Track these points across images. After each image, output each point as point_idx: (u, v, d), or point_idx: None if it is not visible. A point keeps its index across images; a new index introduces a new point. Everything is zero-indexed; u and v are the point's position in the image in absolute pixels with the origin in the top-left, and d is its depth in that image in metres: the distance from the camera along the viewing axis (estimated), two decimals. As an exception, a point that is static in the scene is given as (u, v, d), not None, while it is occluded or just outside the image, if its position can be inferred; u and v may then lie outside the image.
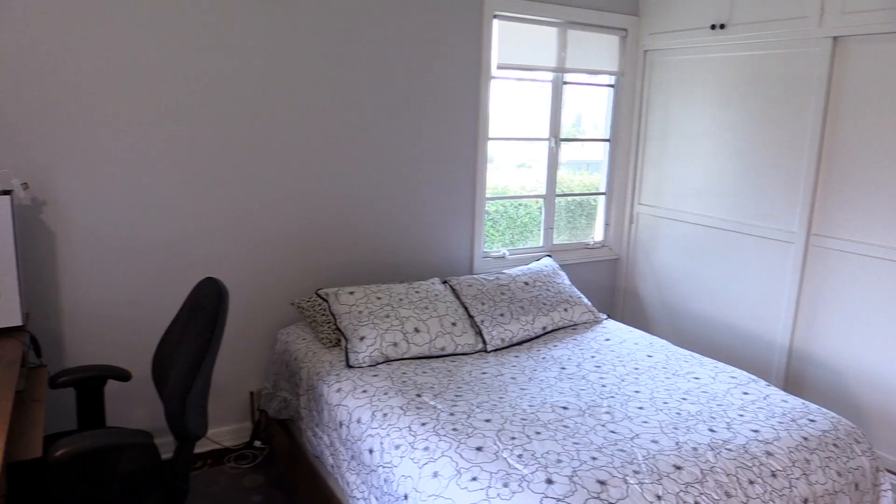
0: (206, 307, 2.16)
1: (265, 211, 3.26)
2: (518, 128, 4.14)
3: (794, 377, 3.57)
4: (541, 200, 4.25)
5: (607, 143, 4.42)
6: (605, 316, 3.51)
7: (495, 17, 3.77)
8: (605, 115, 4.40)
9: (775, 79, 3.57)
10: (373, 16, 3.35)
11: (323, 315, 3.19)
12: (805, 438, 2.29)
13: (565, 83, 4.15)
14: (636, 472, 2.01)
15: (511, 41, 3.88)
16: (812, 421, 2.40)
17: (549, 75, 4.09)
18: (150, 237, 3.02)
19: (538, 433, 2.24)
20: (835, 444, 2.31)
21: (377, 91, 3.44)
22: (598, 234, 4.52)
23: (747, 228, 3.74)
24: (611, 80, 4.33)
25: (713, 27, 3.79)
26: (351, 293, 3.11)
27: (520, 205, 4.26)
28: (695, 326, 4.07)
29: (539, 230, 4.28)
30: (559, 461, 2.05)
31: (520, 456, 2.09)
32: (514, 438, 2.20)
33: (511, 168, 4.22)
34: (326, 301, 3.13)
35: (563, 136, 4.23)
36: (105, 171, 2.88)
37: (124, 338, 3.03)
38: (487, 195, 3.94)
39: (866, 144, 3.21)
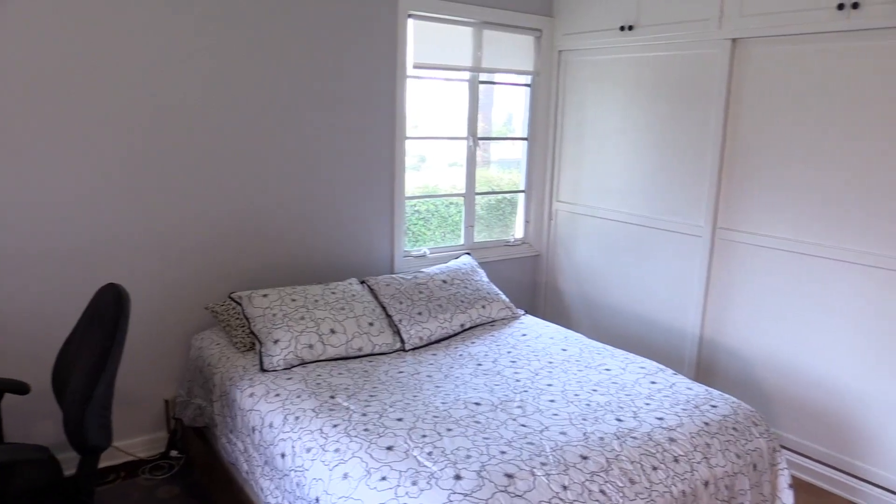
0: (106, 314, 2.09)
1: (177, 214, 3.18)
2: (444, 127, 4.16)
3: (706, 365, 3.71)
4: (464, 199, 4.28)
5: (525, 142, 4.48)
6: (522, 312, 3.56)
7: (410, 16, 3.77)
8: (523, 114, 4.46)
9: (681, 79, 3.69)
10: (285, 15, 3.30)
11: (237, 319, 3.13)
12: (706, 423, 2.38)
13: (481, 82, 4.19)
14: (543, 464, 2.04)
15: (427, 40, 3.89)
16: (714, 406, 2.49)
17: (467, 74, 4.13)
18: (50, 244, 2.89)
19: (449, 430, 2.25)
20: (734, 428, 2.41)
21: (291, 91, 3.39)
22: (518, 232, 4.58)
23: (659, 223, 3.86)
24: (527, 79, 4.40)
25: (622, 28, 3.89)
26: (265, 296, 3.06)
27: (451, 203, 4.29)
28: (613, 319, 4.18)
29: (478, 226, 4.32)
30: (468, 457, 2.07)
31: (430, 453, 2.10)
32: (425, 436, 2.20)
33: (444, 167, 4.24)
34: (240, 304, 3.07)
35: (494, 134, 4.28)
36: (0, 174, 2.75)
37: (23, 349, 2.89)
38: (417, 194, 3.94)
39: (764, 142, 3.36)
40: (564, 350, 3.01)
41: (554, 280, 4.55)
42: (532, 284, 4.62)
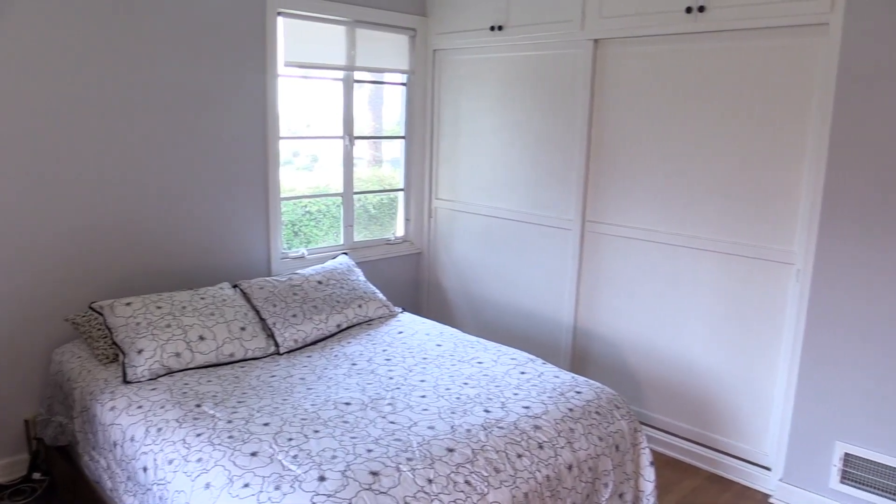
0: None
1: (33, 218, 2.98)
2: (325, 127, 4.12)
3: (580, 353, 3.85)
4: (342, 198, 4.24)
5: (403, 141, 4.50)
6: (400, 309, 3.57)
7: (280, 14, 3.70)
8: (394, 113, 4.48)
9: (548, 78, 3.81)
10: (150, 11, 3.16)
11: (99, 330, 2.97)
12: (570, 409, 2.47)
13: (356, 81, 4.17)
14: (409, 460, 2.06)
15: (299, 39, 3.83)
16: (579, 393, 2.59)
17: (341, 73, 4.10)
18: None
19: (317, 431, 2.23)
20: (597, 412, 2.51)
21: (155, 90, 3.25)
22: (399, 230, 4.60)
23: (533, 218, 3.97)
24: (403, 78, 4.41)
25: (493, 28, 3.97)
26: (128, 304, 2.93)
27: (364, 205, 4.32)
28: (494, 314, 4.26)
29: (358, 226, 4.28)
30: (334, 457, 2.06)
31: (295, 457, 2.07)
32: (291, 440, 2.17)
33: (336, 166, 4.23)
34: (101, 314, 2.92)
35: (386, 133, 4.27)
36: None
37: None
38: (309, 193, 3.87)
39: (625, 138, 3.52)
40: (439, 346, 3.05)
41: (436, 277, 4.59)
42: (415, 282, 4.65)
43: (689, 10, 3.16)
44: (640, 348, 3.58)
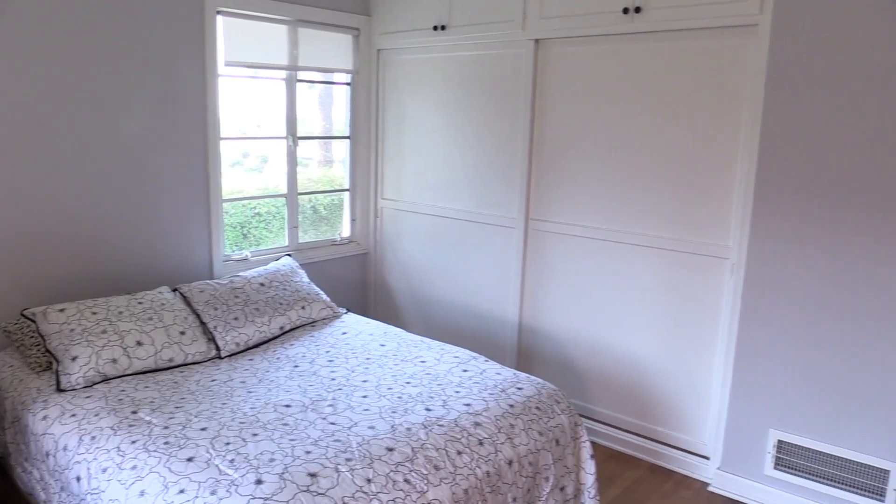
0: None
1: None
2: (277, 127, 4.08)
3: (526, 350, 3.89)
4: (286, 199, 4.20)
5: (348, 141, 4.48)
6: (344, 310, 3.56)
7: (219, 12, 3.65)
8: (345, 113, 4.46)
9: (491, 77, 3.84)
10: (84, 8, 3.08)
11: (31, 337, 2.89)
12: (511, 406, 2.49)
13: (299, 81, 4.14)
14: (348, 460, 2.06)
15: (240, 38, 3.78)
16: (520, 389, 2.62)
17: (283, 73, 4.06)
18: None
19: (255, 435, 2.21)
20: (538, 408, 2.54)
21: (92, 89, 3.17)
22: (346, 230, 4.57)
23: (478, 217, 4.00)
24: (347, 78, 4.39)
25: (436, 28, 3.98)
26: (62, 310, 2.85)
27: (310, 206, 4.32)
28: (442, 313, 4.28)
29: (307, 227, 4.24)
30: (272, 460, 2.04)
31: (232, 461, 2.05)
32: (228, 444, 2.15)
33: (309, 167, 4.26)
34: (34, 321, 2.83)
35: (336, 133, 4.25)
36: None
37: None
38: (258, 194, 3.82)
39: (566, 137, 3.57)
40: (383, 346, 3.05)
41: (383, 278, 4.59)
42: (362, 283, 4.63)
43: (626, 10, 3.23)
44: (583, 343, 3.64)
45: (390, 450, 2.13)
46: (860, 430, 2.80)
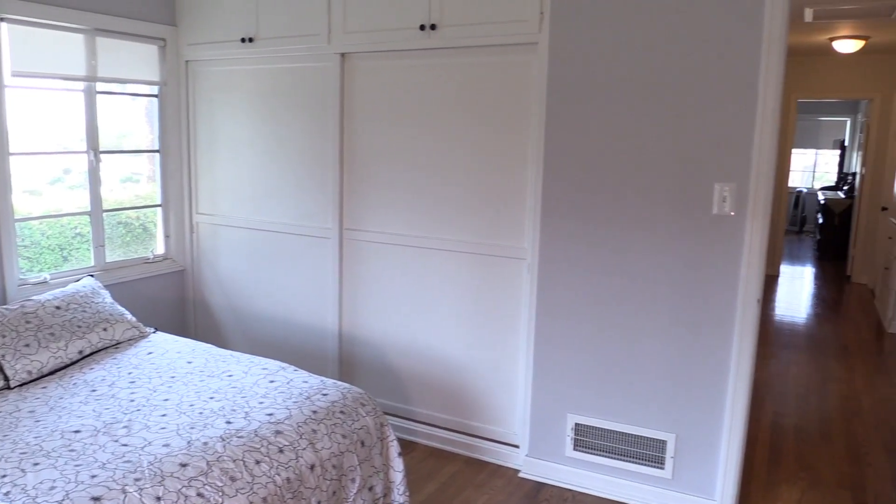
0: None
1: None
2: (71, 141, 3.87)
3: (347, 359, 3.95)
4: (90, 217, 3.99)
5: (158, 154, 4.34)
6: (152, 330, 3.45)
7: (2, 20, 3.42)
8: (144, 126, 4.31)
9: (302, 90, 3.88)
10: None
11: None
12: (315, 412, 2.54)
13: (99, 93, 3.96)
14: (137, 480, 2.02)
15: (28, 47, 3.56)
16: (325, 395, 2.67)
17: (81, 85, 3.86)
18: None
19: (37, 464, 2.10)
20: (342, 412, 2.61)
21: None
22: (159, 247, 4.42)
23: (293, 228, 4.01)
24: (154, 89, 4.26)
25: (244, 40, 3.96)
26: None
27: (119, 223, 4.19)
28: (263, 328, 4.24)
29: (116, 245, 4.04)
30: (52, 488, 1.96)
31: (7, 493, 1.94)
32: (4, 476, 2.03)
33: (116, 182, 4.11)
34: None
35: (145, 148, 4.13)
36: None
37: None
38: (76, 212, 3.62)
39: (374, 147, 3.68)
40: (190, 363, 2.99)
41: (202, 295, 4.47)
42: (180, 301, 4.49)
43: (422, 27, 3.39)
44: (400, 348, 3.76)
45: (184, 465, 2.11)
46: (641, 408, 3.12)
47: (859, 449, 3.79)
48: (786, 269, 9.14)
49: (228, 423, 2.41)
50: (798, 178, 13.33)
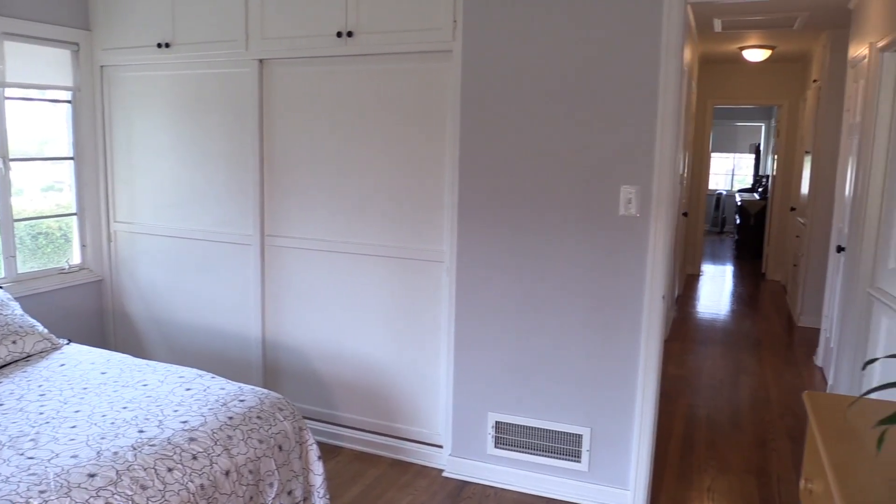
0: None
1: None
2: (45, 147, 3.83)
3: (271, 366, 3.93)
4: (-3, 228, 3.87)
5: (72, 162, 4.24)
6: (65, 341, 3.37)
7: None
8: (67, 132, 4.21)
9: (219, 96, 3.85)
10: None
11: None
12: (230, 418, 2.54)
13: (7, 98, 3.84)
14: (42, 492, 1.98)
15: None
16: (242, 401, 2.67)
17: (-12, 91, 3.75)
18: None
19: (-68, 482, 2.04)
20: (259, 417, 2.61)
21: None
22: (76, 257, 4.31)
23: (214, 236, 3.98)
24: (67, 95, 4.16)
25: (160, 46, 3.91)
26: None
27: (39, 233, 4.11)
28: (185, 337, 4.18)
29: (30, 255, 3.90)
30: (-54, 506, 1.91)
31: None
32: None
33: (37, 191, 4.05)
34: None
35: (49, 155, 4.03)
36: None
37: None
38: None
39: (293, 153, 3.69)
40: (104, 373, 2.94)
41: (121, 305, 4.38)
42: (98, 312, 4.38)
43: (339, 34, 3.43)
44: (325, 353, 3.77)
45: (92, 476, 2.09)
46: (558, 404, 3.22)
47: (765, 436, 4.00)
48: (707, 269, 9.52)
49: (141, 431, 2.38)
50: (719, 181, 13.88)
